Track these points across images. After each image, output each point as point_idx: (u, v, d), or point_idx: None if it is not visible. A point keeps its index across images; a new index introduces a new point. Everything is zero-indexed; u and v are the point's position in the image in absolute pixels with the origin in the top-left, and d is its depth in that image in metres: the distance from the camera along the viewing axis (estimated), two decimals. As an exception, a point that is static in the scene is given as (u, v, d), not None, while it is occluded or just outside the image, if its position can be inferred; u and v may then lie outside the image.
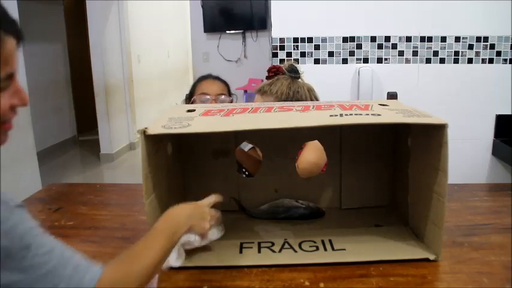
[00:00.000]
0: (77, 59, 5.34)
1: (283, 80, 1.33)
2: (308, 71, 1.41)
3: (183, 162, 1.16)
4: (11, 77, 0.60)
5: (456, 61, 2.19)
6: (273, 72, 1.36)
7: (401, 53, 2.20)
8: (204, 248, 0.94)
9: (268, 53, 3.78)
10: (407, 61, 2.20)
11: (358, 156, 1.17)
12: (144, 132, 0.84)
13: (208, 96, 1.55)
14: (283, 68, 1.35)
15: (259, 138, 1.18)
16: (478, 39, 2.16)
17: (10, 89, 0.61)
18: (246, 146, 1.34)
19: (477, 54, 2.18)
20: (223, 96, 1.58)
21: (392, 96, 2.19)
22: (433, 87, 2.21)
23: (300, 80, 1.36)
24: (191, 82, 1.78)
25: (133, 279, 0.64)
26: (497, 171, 2.27)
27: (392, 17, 2.16)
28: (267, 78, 1.37)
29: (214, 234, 0.93)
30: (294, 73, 1.34)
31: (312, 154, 1.18)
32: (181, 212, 0.82)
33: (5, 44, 0.58)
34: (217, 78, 1.67)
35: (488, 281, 0.83)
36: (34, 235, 0.57)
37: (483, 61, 2.18)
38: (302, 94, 1.32)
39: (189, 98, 1.63)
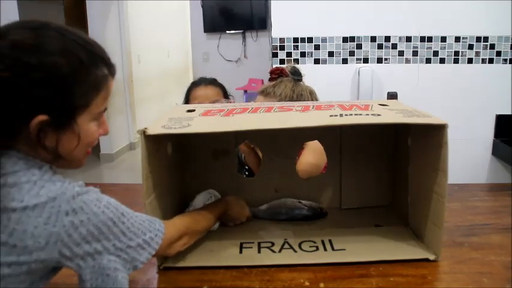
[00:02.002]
0: (77, 59, 5.33)
1: (287, 83, 1.32)
2: (308, 71, 1.41)
3: (183, 162, 1.16)
4: (105, 110, 0.71)
5: (456, 61, 2.19)
6: (277, 74, 1.35)
7: (401, 53, 2.20)
8: (204, 248, 0.94)
9: (268, 53, 3.79)
10: (407, 61, 2.20)
11: (358, 156, 1.17)
12: (144, 132, 0.84)
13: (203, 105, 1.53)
14: (287, 70, 1.35)
15: (259, 138, 1.18)
16: (478, 39, 2.16)
17: (100, 120, 0.71)
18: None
19: (477, 54, 2.18)
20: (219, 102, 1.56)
21: (392, 96, 2.19)
22: (433, 87, 2.21)
23: (301, 82, 1.36)
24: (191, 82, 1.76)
25: (189, 235, 0.86)
26: (497, 171, 2.28)
27: (392, 17, 2.17)
28: (270, 80, 1.36)
29: (216, 225, 1.03)
30: (297, 75, 1.34)
31: (311, 155, 1.18)
32: (239, 201, 1.08)
33: (110, 85, 0.70)
34: (210, 83, 1.63)
35: (488, 281, 0.83)
36: (120, 204, 0.69)
37: (483, 61, 2.18)
38: (305, 97, 1.32)
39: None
